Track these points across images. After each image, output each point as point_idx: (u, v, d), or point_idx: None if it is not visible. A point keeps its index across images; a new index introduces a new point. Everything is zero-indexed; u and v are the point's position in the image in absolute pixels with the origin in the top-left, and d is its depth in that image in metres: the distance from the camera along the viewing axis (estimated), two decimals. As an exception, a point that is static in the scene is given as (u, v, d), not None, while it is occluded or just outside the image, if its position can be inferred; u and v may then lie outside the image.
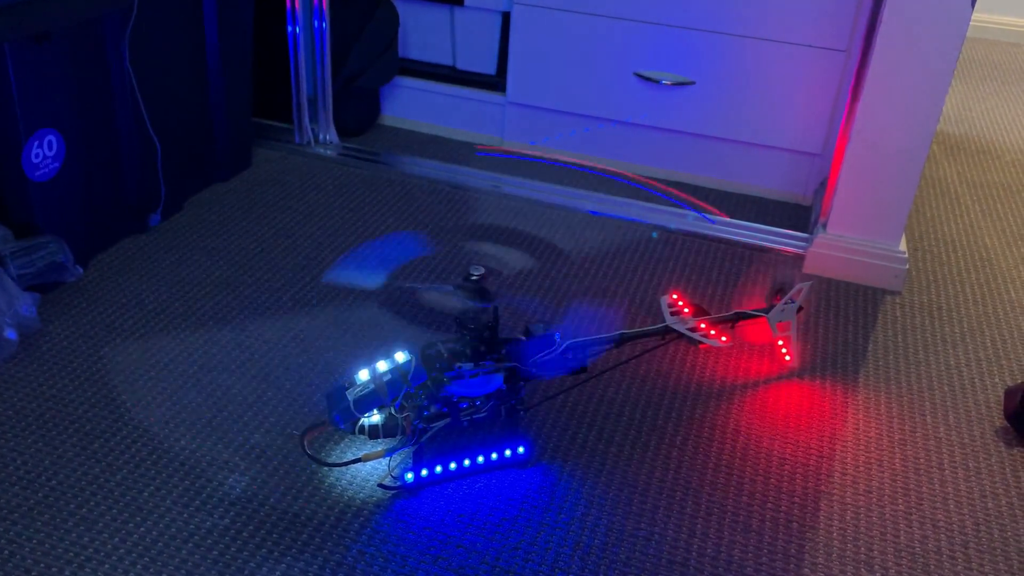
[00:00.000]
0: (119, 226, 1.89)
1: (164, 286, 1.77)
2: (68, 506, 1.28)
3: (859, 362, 1.69)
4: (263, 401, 1.50)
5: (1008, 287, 1.97)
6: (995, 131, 2.84)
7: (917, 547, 1.32)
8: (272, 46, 2.31)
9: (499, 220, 2.09)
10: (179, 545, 1.23)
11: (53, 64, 1.61)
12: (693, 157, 2.33)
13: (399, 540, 1.26)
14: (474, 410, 1.34)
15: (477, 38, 2.43)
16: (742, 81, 2.20)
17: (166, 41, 1.89)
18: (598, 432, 1.48)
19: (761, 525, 1.33)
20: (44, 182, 1.66)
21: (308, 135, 2.38)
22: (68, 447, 1.38)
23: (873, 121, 1.82)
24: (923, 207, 2.31)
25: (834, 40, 2.10)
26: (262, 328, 1.67)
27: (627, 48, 2.24)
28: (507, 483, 1.37)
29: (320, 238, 1.97)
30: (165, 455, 1.38)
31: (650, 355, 1.64)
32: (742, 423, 1.52)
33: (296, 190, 2.17)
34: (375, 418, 1.33)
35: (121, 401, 1.47)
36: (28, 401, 1.46)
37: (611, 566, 1.25)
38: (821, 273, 1.96)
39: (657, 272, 1.93)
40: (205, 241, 1.93)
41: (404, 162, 2.34)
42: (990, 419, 1.58)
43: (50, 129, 1.64)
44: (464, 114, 2.49)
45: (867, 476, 1.43)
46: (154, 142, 1.88)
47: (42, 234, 1.66)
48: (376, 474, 1.36)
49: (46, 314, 1.65)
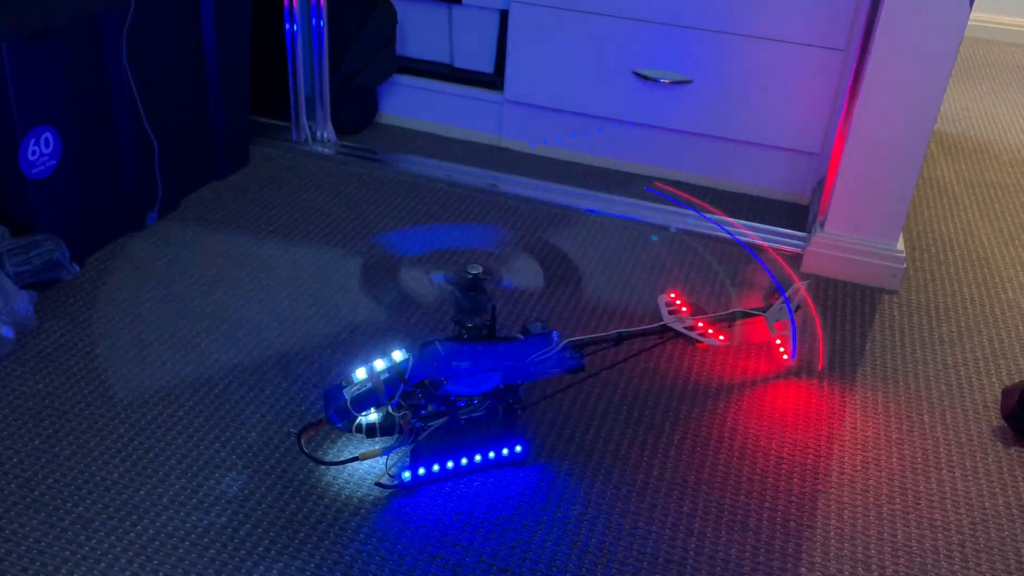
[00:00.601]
0: (116, 224, 1.89)
1: (161, 284, 1.76)
2: (65, 504, 1.28)
3: (856, 361, 1.69)
4: (260, 399, 1.49)
5: (1005, 286, 1.98)
6: (993, 130, 2.84)
7: (914, 546, 1.32)
8: (270, 44, 2.30)
9: (497, 219, 2.09)
10: (176, 544, 1.23)
11: (50, 62, 1.60)
12: (691, 156, 2.33)
13: (396, 539, 1.26)
14: (472, 409, 1.34)
15: (475, 36, 2.43)
16: (740, 80, 2.20)
17: (164, 39, 1.89)
18: (595, 431, 1.48)
19: (758, 524, 1.33)
20: (41, 180, 1.65)
21: (306, 133, 2.38)
22: (64, 445, 1.38)
23: (871, 120, 1.82)
24: (921, 206, 2.31)
25: (832, 39, 2.10)
26: (259, 326, 1.67)
27: (625, 47, 2.24)
28: (504, 482, 1.37)
29: (318, 237, 1.97)
30: (162, 453, 1.37)
31: (648, 354, 1.64)
32: (739, 422, 1.52)
33: (294, 188, 2.16)
34: (372, 416, 1.33)
35: (118, 399, 1.47)
36: (24, 399, 1.46)
37: (608, 564, 1.25)
38: (819, 272, 1.96)
39: (655, 271, 1.93)
40: (202, 239, 1.92)
41: (402, 160, 2.33)
42: (987, 418, 1.58)
43: (47, 127, 1.63)
44: (462, 112, 2.48)
45: (864, 475, 1.43)
46: (151, 140, 1.88)
47: (39, 232, 1.65)
48: (373, 473, 1.36)
49: (43, 312, 1.65)
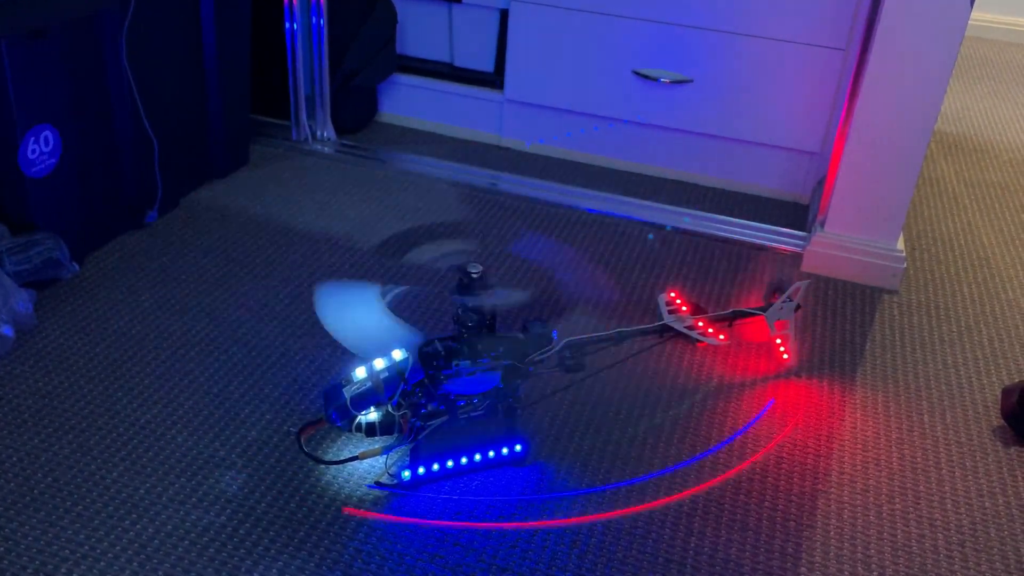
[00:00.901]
0: (115, 223, 1.89)
1: (160, 283, 1.76)
2: (64, 503, 1.28)
3: (856, 361, 1.69)
4: (260, 398, 1.49)
5: (1006, 286, 1.97)
6: (993, 130, 2.84)
7: (914, 546, 1.32)
8: (270, 43, 2.30)
9: (497, 218, 2.09)
10: (175, 542, 1.23)
11: (50, 60, 1.60)
12: (691, 155, 2.33)
13: (396, 538, 1.26)
14: (471, 408, 1.34)
15: (475, 35, 2.42)
16: (741, 79, 2.19)
17: (163, 38, 1.88)
18: (595, 430, 1.48)
19: (758, 524, 1.33)
20: (40, 178, 1.65)
21: (306, 132, 2.38)
22: (64, 444, 1.37)
23: (871, 120, 1.82)
24: (921, 206, 2.31)
25: (833, 39, 2.10)
26: (259, 325, 1.66)
27: (625, 46, 2.24)
28: (504, 481, 1.37)
29: (317, 236, 1.96)
30: (161, 452, 1.37)
31: (648, 353, 1.64)
32: (739, 421, 1.52)
33: (293, 187, 2.16)
34: (372, 416, 1.33)
35: (117, 398, 1.47)
36: (24, 398, 1.46)
37: (608, 564, 1.24)
38: (819, 272, 1.96)
39: (655, 270, 1.93)
40: (202, 238, 1.92)
41: (401, 159, 2.33)
42: (987, 418, 1.58)
43: (47, 125, 1.63)
44: (462, 111, 2.48)
45: (864, 475, 1.43)
46: (151, 139, 1.87)
47: (38, 230, 1.65)
48: (373, 472, 1.36)
49: (42, 311, 1.64)
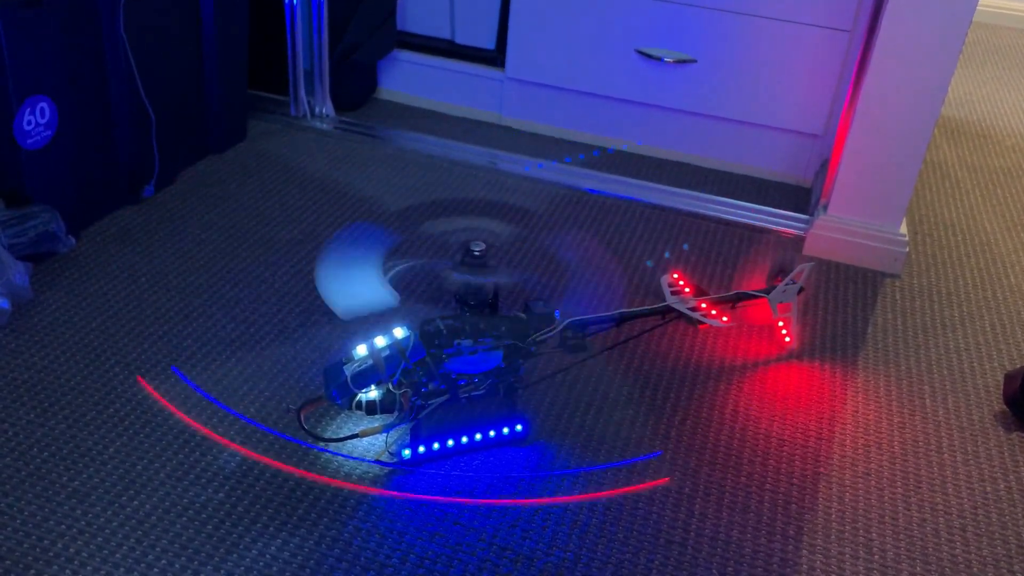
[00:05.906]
0: (112, 197, 1.86)
1: (157, 258, 1.75)
2: (60, 479, 1.26)
3: (858, 345, 1.69)
4: (259, 375, 1.48)
5: (1008, 271, 1.97)
6: (996, 115, 2.83)
7: (915, 529, 1.31)
8: (269, 17, 2.27)
9: (496, 196, 2.07)
10: (173, 519, 1.22)
11: (46, 30, 1.57)
12: (693, 136, 2.31)
13: (396, 516, 1.25)
14: (472, 387, 1.33)
15: (476, 12, 2.40)
16: (744, 60, 2.17)
17: (162, 9, 1.86)
18: (597, 411, 1.47)
19: (759, 506, 1.33)
20: (36, 150, 1.63)
21: (304, 108, 2.35)
22: (60, 419, 1.36)
23: (876, 103, 1.80)
24: (923, 191, 2.30)
25: (838, 20, 2.08)
26: (257, 301, 1.65)
27: (629, 24, 2.22)
28: (505, 461, 1.36)
29: (315, 212, 1.95)
30: (159, 428, 1.36)
31: (650, 335, 1.63)
32: (741, 404, 1.51)
33: (291, 163, 2.14)
34: (373, 394, 1.32)
35: (114, 373, 1.46)
36: (20, 371, 1.44)
37: (609, 544, 1.24)
38: (821, 255, 1.95)
39: (657, 252, 1.92)
40: (199, 213, 1.90)
41: (401, 137, 2.31)
42: (989, 403, 1.57)
43: (42, 96, 1.61)
44: (462, 89, 2.46)
45: (866, 458, 1.43)
46: (148, 112, 1.85)
47: (34, 203, 1.63)
48: (373, 450, 1.35)
49: (38, 284, 1.63)
